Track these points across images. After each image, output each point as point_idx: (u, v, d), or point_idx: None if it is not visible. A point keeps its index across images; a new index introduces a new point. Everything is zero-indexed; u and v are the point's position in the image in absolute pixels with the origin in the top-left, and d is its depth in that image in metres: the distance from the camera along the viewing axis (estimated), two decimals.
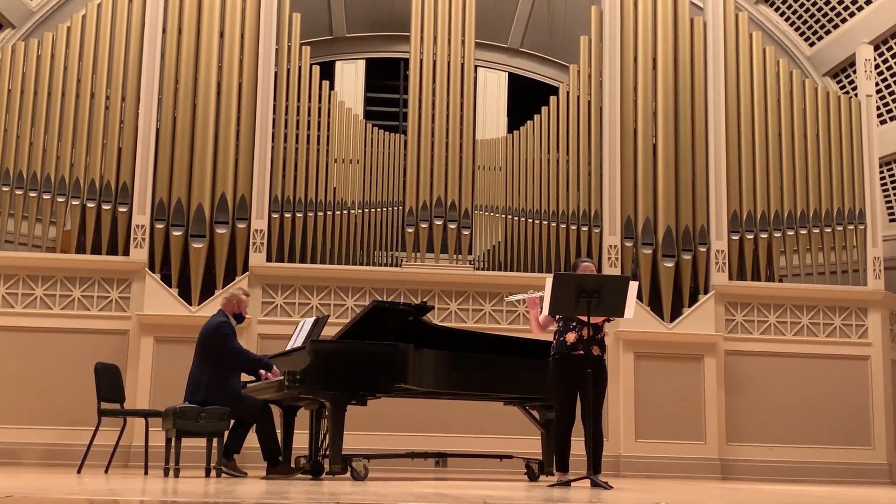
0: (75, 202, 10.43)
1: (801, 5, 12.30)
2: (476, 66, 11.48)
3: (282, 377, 7.35)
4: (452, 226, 10.79)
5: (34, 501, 4.20)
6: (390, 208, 10.97)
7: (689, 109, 11.25)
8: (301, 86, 10.93)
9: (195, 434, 7.55)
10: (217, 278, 10.43)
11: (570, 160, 11.13)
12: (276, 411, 8.12)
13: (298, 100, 10.91)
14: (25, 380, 10.04)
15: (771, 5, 12.49)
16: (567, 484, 6.78)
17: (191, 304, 10.29)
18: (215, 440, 7.60)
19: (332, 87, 11.20)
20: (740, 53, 11.43)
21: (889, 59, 11.94)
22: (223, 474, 7.62)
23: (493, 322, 10.54)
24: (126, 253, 10.38)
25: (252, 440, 8.01)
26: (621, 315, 6.92)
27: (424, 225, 10.80)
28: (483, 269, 10.90)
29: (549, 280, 6.82)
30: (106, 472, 8.33)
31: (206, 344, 7.84)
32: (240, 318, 8.18)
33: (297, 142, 10.86)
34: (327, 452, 7.35)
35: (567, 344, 6.94)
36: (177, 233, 10.42)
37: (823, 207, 11.34)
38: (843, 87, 12.32)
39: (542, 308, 7.11)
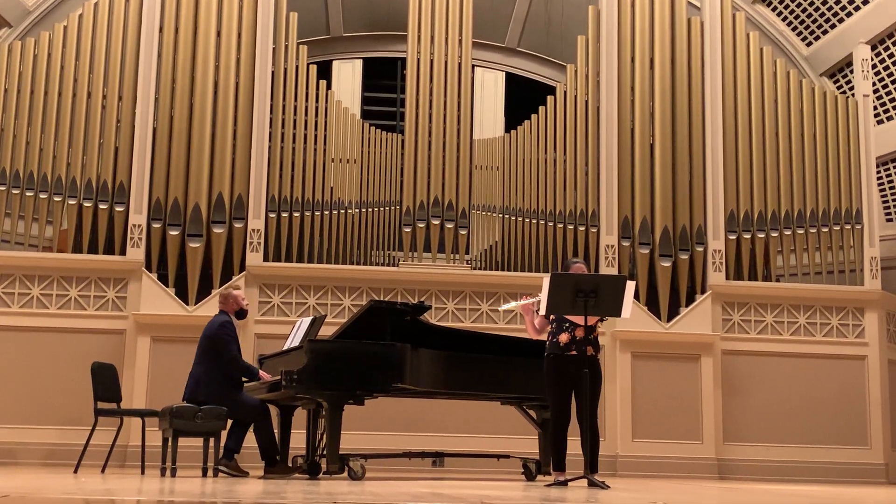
0: (72, 202, 10.41)
1: (799, 5, 12.30)
2: (473, 66, 11.47)
3: (278, 377, 7.35)
4: (450, 225, 10.78)
5: (31, 501, 4.19)
6: (387, 208, 10.96)
7: (687, 109, 11.25)
8: (298, 85, 10.92)
9: (192, 433, 7.54)
10: (214, 278, 10.42)
11: (568, 160, 11.13)
12: (274, 411, 8.12)
13: (295, 99, 10.90)
14: (22, 379, 10.03)
15: (768, 5, 12.49)
16: (564, 483, 6.78)
17: (188, 304, 10.28)
18: (212, 440, 7.59)
19: (329, 87, 11.18)
20: (737, 53, 11.43)
21: (886, 59, 11.95)
22: (221, 474, 7.61)
23: (491, 322, 10.53)
24: (123, 252, 10.37)
25: (250, 440, 8.01)
26: (618, 315, 6.92)
27: (422, 224, 10.79)
28: (480, 269, 10.89)
29: (546, 280, 6.82)
30: (102, 471, 8.32)
31: (207, 343, 7.86)
32: (242, 313, 8.18)
33: (294, 141, 10.85)
34: (324, 452, 7.35)
35: (560, 345, 6.95)
36: (174, 232, 10.41)
37: (820, 207, 11.34)
38: (840, 87, 12.32)
39: (537, 312, 7.13)
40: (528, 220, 10.98)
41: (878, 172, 12.00)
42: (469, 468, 9.71)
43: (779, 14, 12.49)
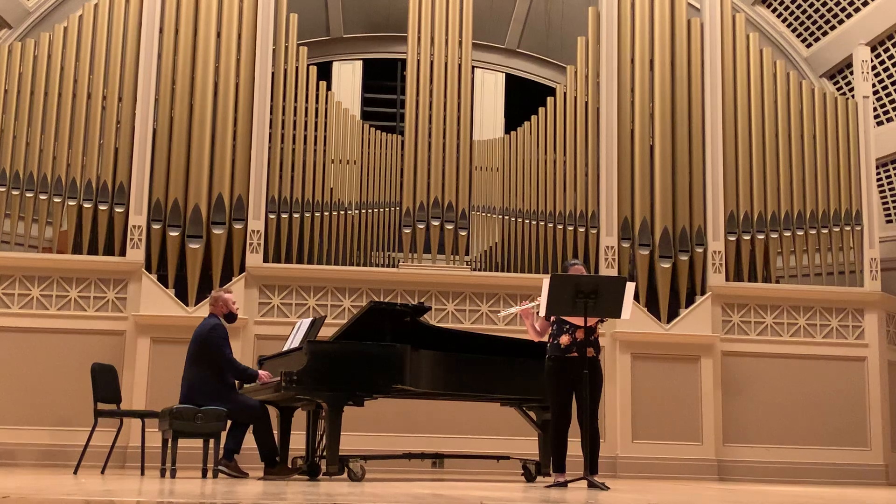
0: (72, 202, 10.41)
1: (799, 6, 12.31)
2: (473, 67, 11.48)
3: (277, 378, 7.34)
4: (449, 226, 10.79)
5: (31, 502, 4.19)
6: (387, 209, 10.96)
7: (687, 110, 11.25)
8: (298, 86, 10.92)
9: (192, 435, 7.52)
10: (214, 279, 10.42)
11: (568, 161, 11.13)
12: (274, 412, 8.11)
13: (295, 100, 10.90)
14: (22, 380, 10.02)
15: (768, 6, 12.50)
16: (564, 485, 6.78)
17: (187, 305, 10.28)
18: (212, 441, 7.58)
19: (329, 88, 11.19)
20: (737, 54, 11.44)
21: (886, 60, 11.95)
22: (220, 475, 7.60)
23: (490, 323, 10.53)
24: (123, 253, 10.37)
25: (250, 441, 8.01)
26: (618, 316, 6.93)
27: (421, 226, 10.79)
28: (480, 270, 10.89)
29: (546, 281, 6.82)
30: (102, 472, 8.32)
31: (199, 346, 7.80)
32: (231, 317, 8.08)
33: (294, 142, 10.85)
34: (324, 453, 7.35)
35: (561, 346, 6.95)
36: (173, 233, 10.42)
37: (820, 209, 11.35)
38: (839, 89, 12.33)
39: (537, 315, 7.13)
40: (527, 221, 10.98)
41: (878, 174, 12.00)
42: (469, 469, 9.71)
43: (779, 15, 12.50)
